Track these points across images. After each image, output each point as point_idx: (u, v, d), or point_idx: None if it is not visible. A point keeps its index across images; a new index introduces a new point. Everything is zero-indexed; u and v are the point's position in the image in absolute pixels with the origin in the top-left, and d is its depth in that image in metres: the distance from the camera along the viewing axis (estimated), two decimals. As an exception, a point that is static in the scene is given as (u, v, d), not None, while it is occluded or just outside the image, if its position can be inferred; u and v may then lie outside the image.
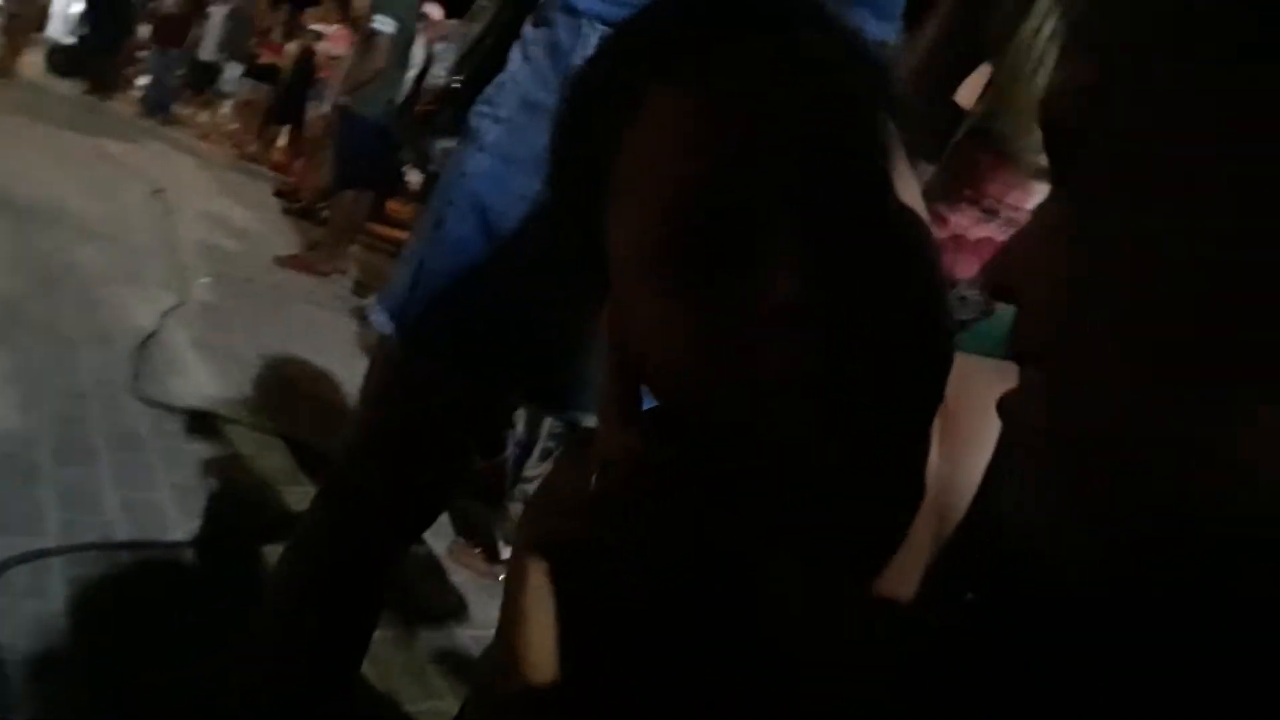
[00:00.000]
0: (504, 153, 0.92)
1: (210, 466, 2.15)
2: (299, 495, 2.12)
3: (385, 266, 4.75)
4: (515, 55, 0.95)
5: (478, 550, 2.12)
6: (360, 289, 4.41)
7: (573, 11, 0.90)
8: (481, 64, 1.07)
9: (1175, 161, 0.26)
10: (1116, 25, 0.28)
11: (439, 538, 2.12)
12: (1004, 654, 0.38)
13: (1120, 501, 0.28)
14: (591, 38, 0.87)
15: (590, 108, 0.46)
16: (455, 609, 1.94)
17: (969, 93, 1.27)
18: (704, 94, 0.40)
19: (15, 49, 8.84)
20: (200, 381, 2.63)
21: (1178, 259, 0.25)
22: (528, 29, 0.96)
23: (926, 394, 0.41)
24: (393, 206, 6.08)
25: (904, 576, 0.44)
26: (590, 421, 0.97)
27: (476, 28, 1.16)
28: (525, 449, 2.22)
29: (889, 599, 0.44)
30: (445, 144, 1.27)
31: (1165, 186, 0.26)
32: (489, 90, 0.96)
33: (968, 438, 0.45)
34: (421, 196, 5.09)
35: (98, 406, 2.23)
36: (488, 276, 0.92)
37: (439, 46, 4.95)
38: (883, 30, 0.96)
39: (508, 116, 0.93)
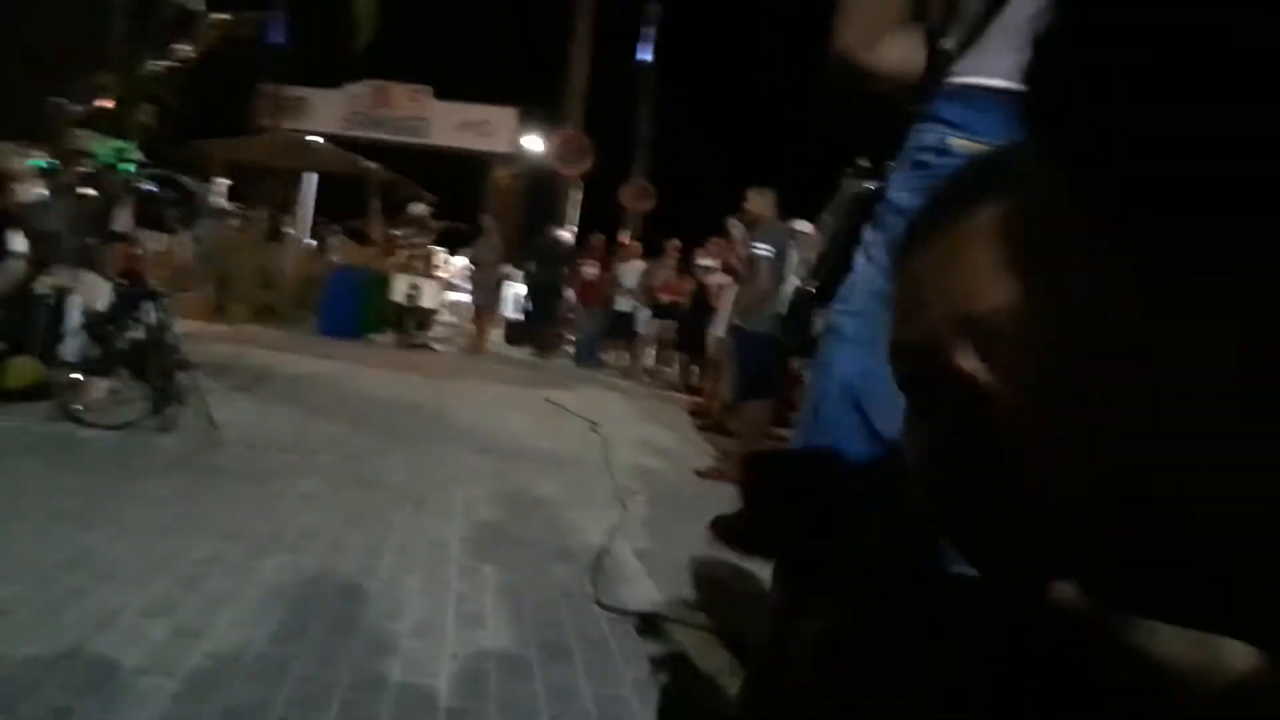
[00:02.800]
0: (863, 340, 1.02)
1: (662, 664, 2.33)
2: (736, 686, 2.20)
3: (793, 466, 4.92)
4: (859, 257, 1.07)
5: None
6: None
7: (901, 211, 1.01)
8: (833, 268, 1.21)
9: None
10: None
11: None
12: None
13: None
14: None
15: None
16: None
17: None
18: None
19: (483, 332, 10.98)
20: (647, 587, 2.90)
21: None
22: (867, 233, 1.08)
23: None
24: (794, 410, 6.37)
25: None
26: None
27: (824, 238, 1.31)
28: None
29: None
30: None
31: None
32: (842, 290, 1.08)
33: None
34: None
35: (568, 613, 2.55)
36: (870, 454, 1.00)
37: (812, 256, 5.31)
38: None
39: (861, 309, 1.04)
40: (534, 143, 17.88)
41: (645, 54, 18.43)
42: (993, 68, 0.99)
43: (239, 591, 2.31)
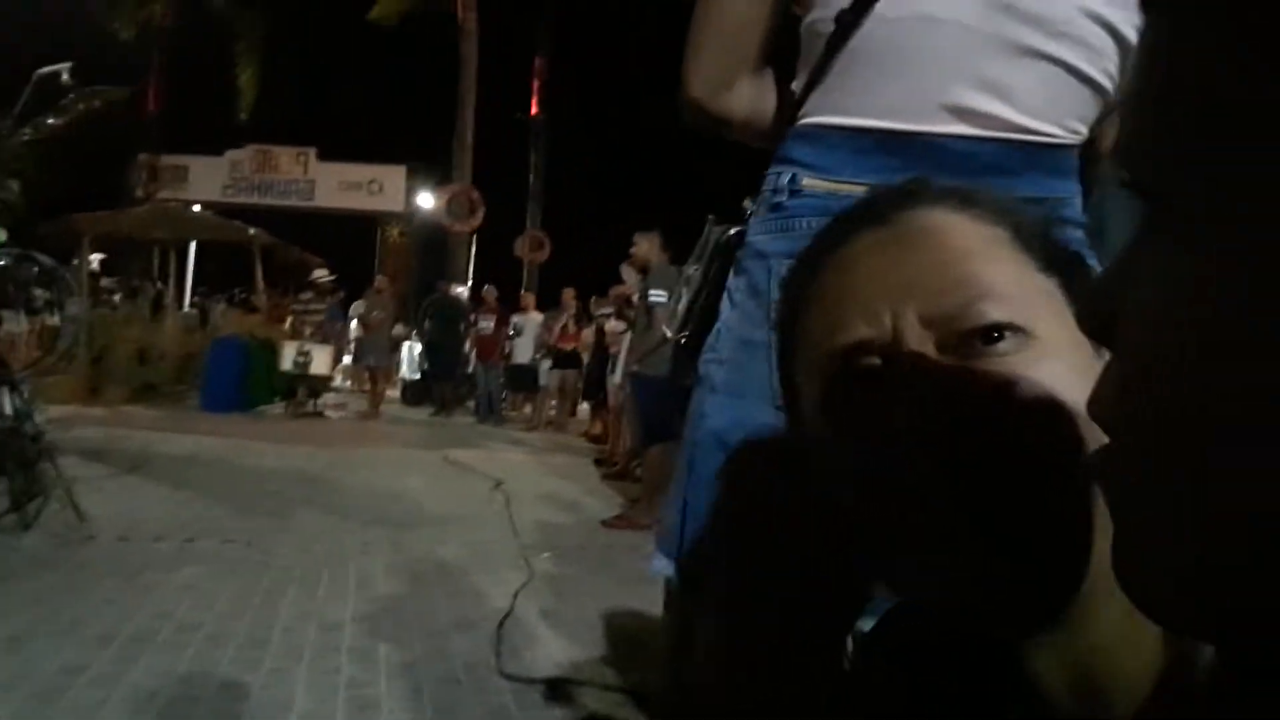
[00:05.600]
0: (732, 389, 1.00)
1: (574, 732, 2.24)
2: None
3: (699, 509, 4.91)
4: (725, 304, 1.05)
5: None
6: (680, 536, 4.57)
7: (761, 255, 1.00)
8: (701, 318, 1.20)
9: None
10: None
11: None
12: None
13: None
14: (782, 272, 0.96)
15: (783, 306, 0.57)
16: None
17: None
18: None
19: (377, 395, 10.70)
20: (554, 649, 2.80)
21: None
22: (731, 280, 1.06)
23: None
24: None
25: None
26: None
27: (688, 291, 1.30)
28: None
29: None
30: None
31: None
32: (710, 339, 1.06)
33: None
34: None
35: (470, 687, 2.43)
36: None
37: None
38: (1059, 187, 0.96)
39: (729, 357, 1.02)
40: (425, 200, 17.74)
41: (531, 107, 18.60)
42: (837, 105, 0.99)
43: (106, 702, 2.12)
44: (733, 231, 1.18)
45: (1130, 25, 0.95)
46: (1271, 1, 0.22)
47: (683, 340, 1.27)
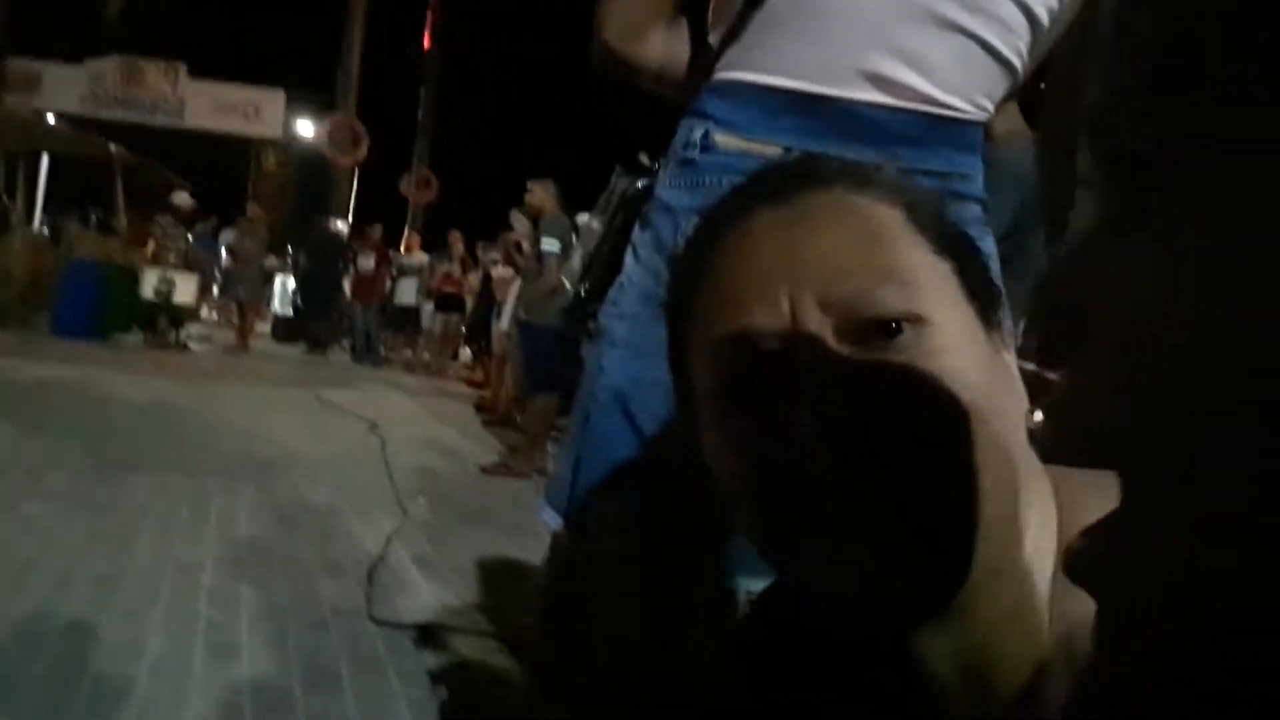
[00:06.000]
0: (633, 346, 0.98)
1: (442, 677, 2.22)
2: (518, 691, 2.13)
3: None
4: (629, 258, 1.03)
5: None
6: (559, 485, 4.57)
7: (668, 209, 0.98)
8: (603, 270, 1.17)
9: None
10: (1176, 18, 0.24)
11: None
12: None
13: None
14: (689, 229, 0.95)
15: (674, 280, 0.57)
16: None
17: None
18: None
19: (246, 329, 10.22)
20: (427, 596, 2.76)
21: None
22: (636, 232, 1.04)
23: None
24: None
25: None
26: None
27: (592, 240, 1.27)
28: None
29: None
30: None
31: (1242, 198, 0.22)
32: (612, 292, 1.04)
33: None
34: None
35: (338, 633, 2.37)
36: (639, 462, 0.96)
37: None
38: (963, 163, 0.98)
39: (631, 312, 1.00)
40: (304, 128, 16.86)
41: (423, 39, 17.88)
42: (754, 62, 0.97)
43: (-70, 644, 1.96)
44: (640, 184, 1.16)
45: (1043, 6, 0.96)
46: None
47: (583, 292, 1.25)
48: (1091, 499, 0.45)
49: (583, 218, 5.94)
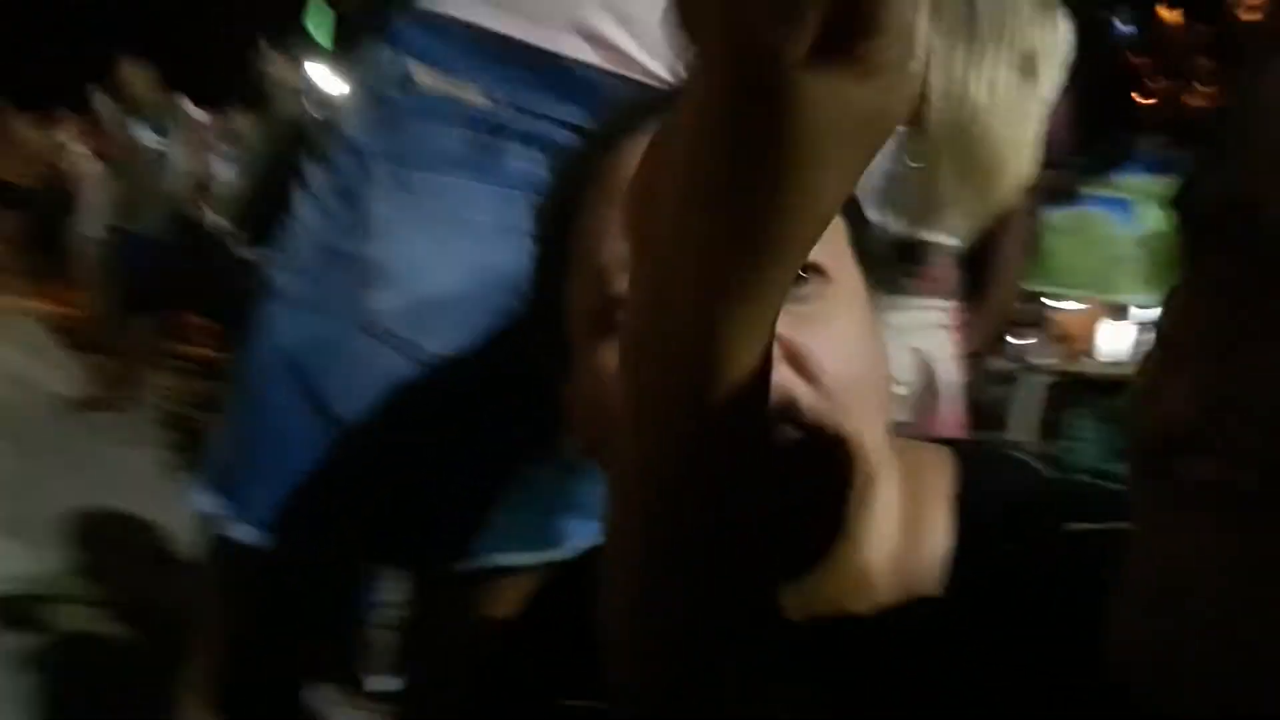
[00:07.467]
0: (309, 304, 0.88)
1: (42, 660, 1.90)
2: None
3: (196, 388, 4.43)
4: (304, 202, 0.91)
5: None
6: (171, 419, 4.08)
7: (357, 152, 0.88)
8: (266, 212, 1.04)
9: None
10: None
11: None
12: None
13: None
14: (382, 177, 0.86)
15: (553, 200, 0.56)
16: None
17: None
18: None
19: None
20: (13, 562, 2.32)
21: None
22: (311, 171, 0.92)
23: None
24: (194, 321, 5.64)
25: None
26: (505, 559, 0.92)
27: (249, 172, 1.12)
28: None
29: None
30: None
31: None
32: (280, 240, 0.92)
33: (932, 524, 0.48)
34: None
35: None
36: (318, 437, 0.86)
37: (209, 155, 4.71)
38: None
39: (305, 267, 0.89)
40: None
41: None
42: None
43: None
44: (316, 115, 1.02)
45: None
46: None
47: (241, 235, 1.08)
48: (933, 471, 0.49)
49: (187, 105, 5.16)
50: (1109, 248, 2.77)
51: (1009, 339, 2.71)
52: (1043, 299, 2.94)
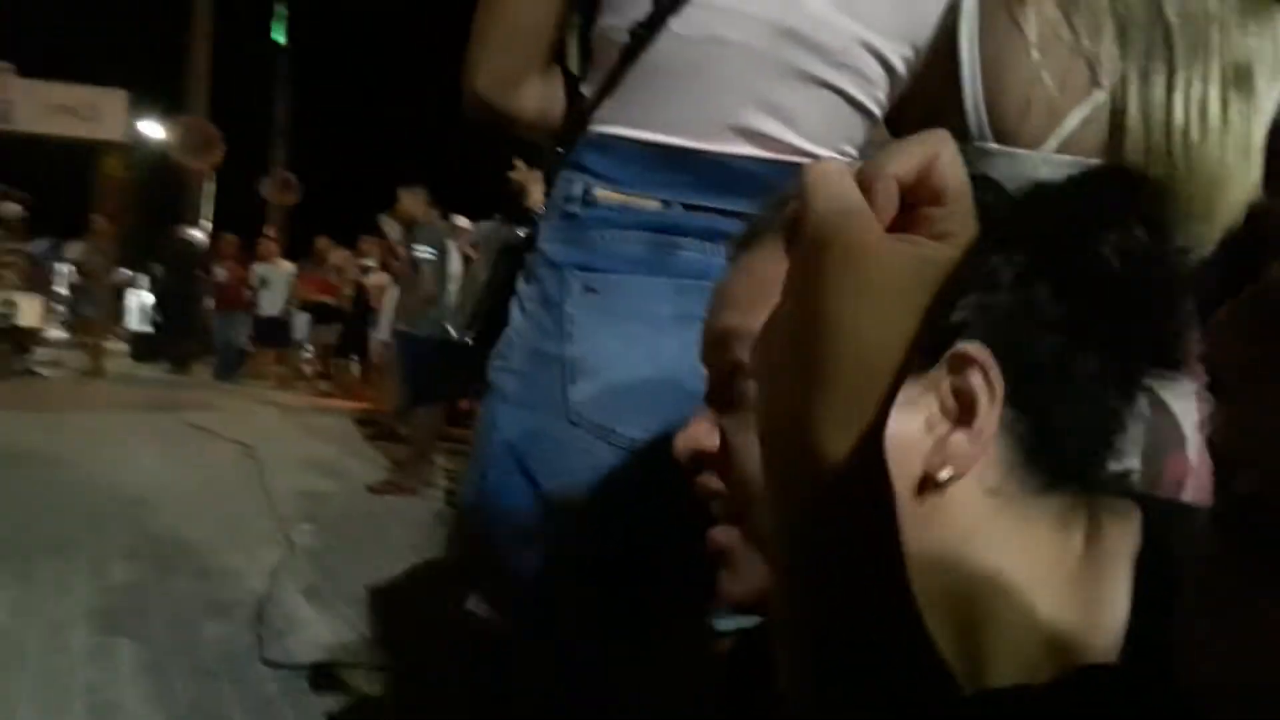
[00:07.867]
0: (523, 401, 0.98)
1: (342, 718, 2.16)
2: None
3: (469, 472, 4.86)
4: (514, 311, 1.03)
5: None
6: (451, 497, 4.50)
7: (554, 265, 0.98)
8: (487, 321, 1.17)
9: None
10: None
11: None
12: None
13: None
14: (574, 285, 0.96)
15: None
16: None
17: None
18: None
19: (100, 350, 9.59)
20: (320, 631, 2.68)
21: None
22: (521, 285, 1.04)
23: None
24: (464, 406, 6.22)
25: None
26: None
27: (474, 288, 1.27)
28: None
29: None
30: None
31: None
32: (500, 345, 1.03)
33: (1111, 587, 0.47)
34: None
35: (228, 681, 2.28)
36: (538, 521, 0.96)
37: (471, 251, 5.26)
38: None
39: (520, 368, 0.99)
40: (151, 129, 15.86)
41: (278, 34, 17.13)
42: (630, 118, 0.99)
43: None
44: (522, 233, 1.15)
45: (899, 56, 1.01)
46: None
47: (470, 342, 1.24)
48: (1117, 530, 0.49)
49: (458, 220, 5.84)
50: None
51: None
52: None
